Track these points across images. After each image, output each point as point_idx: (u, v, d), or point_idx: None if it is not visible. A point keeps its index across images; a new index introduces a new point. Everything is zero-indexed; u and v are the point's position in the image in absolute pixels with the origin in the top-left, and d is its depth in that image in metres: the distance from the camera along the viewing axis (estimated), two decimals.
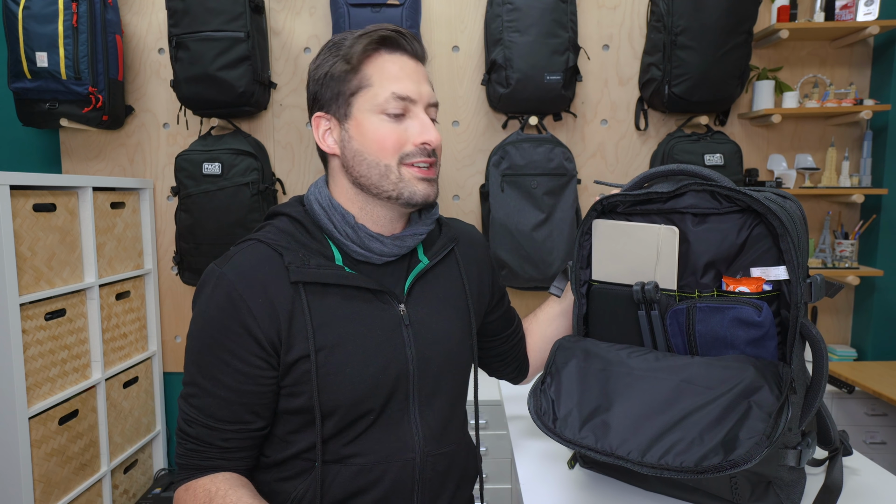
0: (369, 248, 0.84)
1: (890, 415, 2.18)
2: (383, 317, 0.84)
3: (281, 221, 0.87)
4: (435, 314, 0.90)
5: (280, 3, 2.38)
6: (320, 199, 0.87)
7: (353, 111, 0.84)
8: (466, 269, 0.97)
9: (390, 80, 0.83)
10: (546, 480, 0.91)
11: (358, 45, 0.82)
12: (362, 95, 0.83)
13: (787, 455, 0.72)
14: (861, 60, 2.37)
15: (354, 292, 0.84)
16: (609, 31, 2.36)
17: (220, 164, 2.18)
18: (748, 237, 0.73)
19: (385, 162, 0.83)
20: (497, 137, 2.39)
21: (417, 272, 0.89)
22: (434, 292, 0.91)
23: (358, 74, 0.83)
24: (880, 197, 2.33)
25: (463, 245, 0.99)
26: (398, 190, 0.84)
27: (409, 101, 0.83)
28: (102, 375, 2.11)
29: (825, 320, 2.47)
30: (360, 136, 0.84)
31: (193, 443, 0.82)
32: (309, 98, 0.89)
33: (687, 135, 2.24)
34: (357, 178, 0.85)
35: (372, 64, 0.83)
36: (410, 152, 0.83)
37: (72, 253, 2.00)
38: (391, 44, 0.84)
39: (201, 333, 0.82)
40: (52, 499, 1.87)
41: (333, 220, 0.85)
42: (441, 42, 2.38)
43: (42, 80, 2.09)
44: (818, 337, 0.70)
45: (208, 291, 0.82)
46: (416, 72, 0.85)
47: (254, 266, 0.81)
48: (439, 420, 0.88)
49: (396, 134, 0.83)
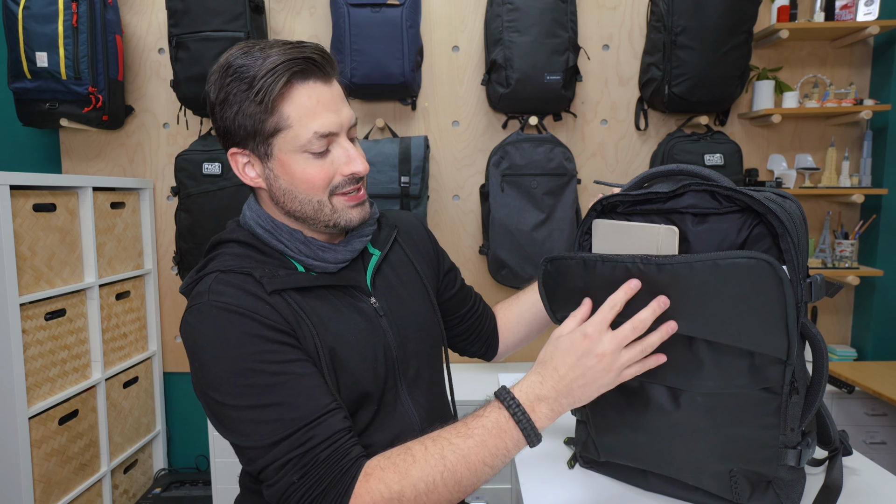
0: (323, 259, 0.86)
1: (890, 415, 2.18)
2: (361, 312, 0.87)
3: (231, 248, 0.85)
4: (399, 301, 0.94)
5: (280, 3, 2.38)
6: (261, 223, 0.86)
7: (275, 151, 0.81)
8: (412, 253, 1.01)
9: (309, 117, 0.79)
10: (546, 480, 0.91)
11: (268, 83, 0.76)
12: (282, 137, 0.79)
13: (786, 455, 0.73)
14: (861, 60, 2.37)
15: (328, 294, 0.85)
16: (609, 31, 2.36)
17: (220, 164, 2.18)
18: (748, 237, 0.73)
19: (317, 198, 0.83)
20: (497, 137, 2.39)
21: (374, 265, 0.93)
22: (392, 281, 0.95)
23: (274, 115, 0.78)
24: (880, 197, 2.32)
25: (402, 232, 1.02)
26: (334, 220, 0.85)
27: (331, 135, 0.81)
28: (102, 375, 2.11)
29: (825, 320, 2.47)
30: (286, 175, 0.81)
31: (308, 463, 0.71)
32: (218, 129, 0.84)
33: (687, 135, 2.24)
34: (291, 212, 0.85)
35: (287, 102, 0.78)
36: (339, 183, 0.83)
37: (72, 253, 1.99)
38: (302, 74, 0.78)
39: (226, 360, 0.74)
40: (52, 499, 1.87)
41: (282, 239, 0.85)
42: (441, 42, 2.38)
43: (42, 80, 2.09)
44: (818, 337, 0.70)
45: (206, 323, 0.75)
46: (332, 99, 0.81)
47: (233, 289, 0.78)
48: (428, 397, 0.94)
49: (324, 170, 0.82)
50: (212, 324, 0.75)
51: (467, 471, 0.70)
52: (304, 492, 0.70)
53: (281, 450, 0.71)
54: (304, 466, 0.71)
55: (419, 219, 1.11)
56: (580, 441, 0.92)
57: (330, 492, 0.69)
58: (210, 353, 0.74)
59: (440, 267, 1.08)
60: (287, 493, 0.71)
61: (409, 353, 0.91)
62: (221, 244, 0.87)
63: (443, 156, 2.43)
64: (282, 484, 0.71)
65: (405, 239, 1.02)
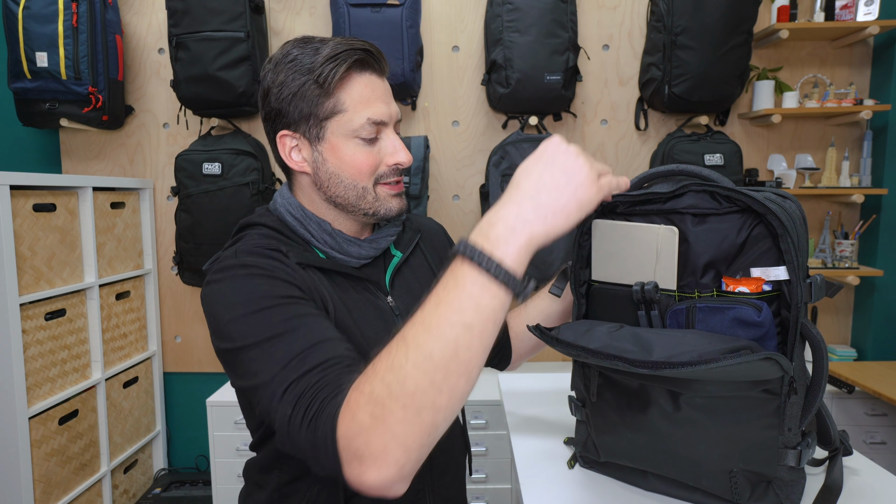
0: (347, 253, 0.87)
1: (890, 415, 2.18)
2: (378, 309, 0.88)
3: (259, 230, 0.87)
4: (416, 303, 0.91)
5: (280, 3, 2.38)
6: (291, 210, 0.88)
7: (327, 134, 0.84)
8: (432, 258, 1.01)
9: (363, 104, 0.83)
10: (546, 480, 0.91)
11: (330, 68, 0.80)
12: (336, 120, 0.83)
13: (786, 455, 0.73)
14: (861, 60, 2.37)
15: (347, 285, 0.86)
16: (609, 31, 2.36)
17: (220, 164, 2.18)
18: (748, 237, 0.73)
19: (362, 184, 0.86)
20: (497, 137, 2.39)
21: (395, 265, 0.94)
22: (411, 283, 0.95)
23: (332, 98, 0.82)
24: (880, 197, 2.33)
25: (425, 237, 1.03)
26: (374, 208, 0.87)
27: (381, 124, 0.85)
28: (102, 375, 2.11)
29: (825, 320, 2.47)
30: (335, 158, 0.84)
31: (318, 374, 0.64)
32: (269, 113, 0.87)
33: (687, 135, 2.24)
34: (332, 197, 0.87)
35: (345, 88, 0.82)
36: (384, 173, 0.87)
37: (72, 253, 2.00)
38: (360, 65, 0.83)
39: (239, 308, 0.72)
40: (52, 499, 1.87)
41: (310, 228, 0.87)
42: (441, 42, 2.38)
43: (42, 80, 2.09)
44: (818, 337, 0.70)
45: (225, 281, 0.75)
46: (385, 91, 0.86)
47: (258, 257, 0.79)
48: None
49: (372, 157, 0.85)
50: (227, 281, 0.75)
51: (433, 339, 0.58)
52: (299, 422, 0.61)
53: (279, 379, 0.65)
54: (297, 394, 0.63)
55: (443, 226, 1.13)
56: (580, 441, 0.92)
57: (320, 417, 0.60)
58: (223, 305, 0.73)
59: None
60: (288, 432, 0.63)
61: None
62: (249, 227, 0.89)
63: (443, 156, 2.43)
64: (280, 420, 0.63)
65: (427, 244, 1.03)
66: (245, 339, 0.69)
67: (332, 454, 0.58)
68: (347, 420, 0.58)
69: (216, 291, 0.76)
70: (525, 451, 1.02)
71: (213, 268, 0.80)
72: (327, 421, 0.59)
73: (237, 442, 2.16)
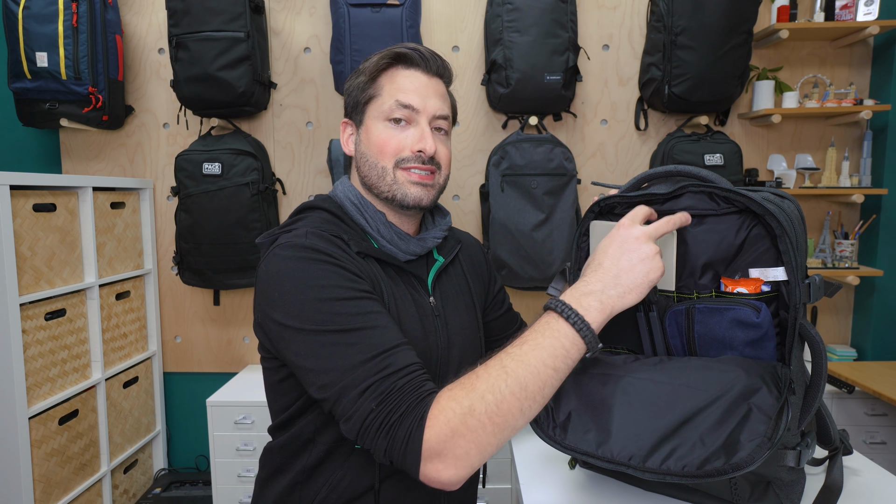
0: (397, 246, 0.92)
1: (890, 415, 2.18)
2: (420, 306, 0.92)
3: (318, 214, 0.91)
4: (453, 308, 0.98)
5: (280, 3, 2.38)
6: (351, 197, 0.93)
7: (365, 118, 0.93)
8: (468, 269, 1.06)
9: (398, 90, 0.91)
10: (546, 480, 0.91)
11: (376, 60, 0.92)
12: (373, 104, 0.92)
13: (786, 455, 0.72)
14: (861, 60, 2.37)
15: (398, 278, 0.91)
16: (609, 31, 2.36)
17: (220, 164, 2.18)
18: (746, 238, 0.73)
19: (382, 164, 0.91)
20: (497, 137, 2.39)
21: (438, 268, 0.98)
22: (448, 289, 0.99)
23: (373, 85, 0.92)
24: (880, 197, 2.32)
25: (464, 249, 1.08)
26: (392, 191, 0.91)
27: (411, 109, 0.90)
28: (102, 375, 2.11)
29: (825, 320, 2.47)
30: (366, 139, 0.93)
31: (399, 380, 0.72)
32: (344, 108, 0.99)
33: (687, 135, 2.24)
34: (362, 177, 0.94)
35: (386, 77, 0.92)
36: (406, 157, 0.91)
37: (72, 253, 2.00)
38: (406, 60, 0.92)
39: (311, 290, 0.77)
40: (52, 499, 1.87)
41: (366, 215, 0.92)
42: (441, 42, 2.38)
43: (42, 80, 2.09)
44: (817, 338, 0.70)
45: (294, 260, 0.79)
46: (427, 86, 0.92)
47: (324, 242, 0.83)
48: None
49: (396, 139, 0.90)
50: (300, 261, 0.79)
51: (529, 374, 0.68)
52: (383, 419, 0.70)
53: (360, 375, 0.72)
54: (381, 393, 0.71)
55: (479, 242, 1.18)
56: None
57: (407, 417, 0.69)
58: (294, 283, 0.77)
59: (490, 289, 1.13)
60: (366, 422, 0.71)
61: (453, 359, 0.95)
62: (309, 209, 0.93)
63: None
64: (361, 413, 0.71)
65: (465, 256, 1.08)
66: (319, 324, 0.75)
67: (415, 452, 0.67)
68: (440, 424, 0.67)
69: (286, 267, 0.79)
70: (525, 452, 1.02)
71: (280, 241, 0.83)
72: (414, 422, 0.68)
73: (237, 442, 2.16)
